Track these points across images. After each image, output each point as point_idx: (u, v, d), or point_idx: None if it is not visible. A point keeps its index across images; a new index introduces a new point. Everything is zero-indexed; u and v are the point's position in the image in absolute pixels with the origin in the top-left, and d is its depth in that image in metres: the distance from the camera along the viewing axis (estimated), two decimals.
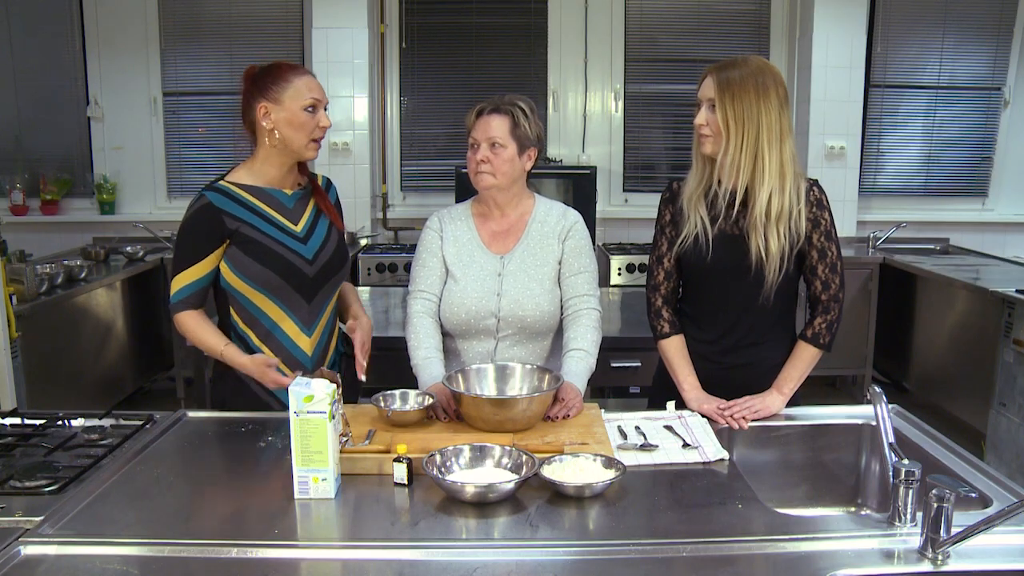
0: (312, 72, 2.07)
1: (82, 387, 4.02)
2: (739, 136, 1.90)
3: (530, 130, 2.10)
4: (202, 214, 1.99)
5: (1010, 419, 3.62)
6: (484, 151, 2.07)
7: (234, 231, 1.99)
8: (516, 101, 2.10)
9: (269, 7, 5.28)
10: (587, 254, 2.20)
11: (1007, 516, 1.24)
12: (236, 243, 2.00)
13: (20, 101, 5.30)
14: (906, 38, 5.35)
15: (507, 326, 2.13)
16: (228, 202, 2.00)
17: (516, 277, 2.14)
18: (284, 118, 1.98)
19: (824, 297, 2.00)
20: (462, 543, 1.38)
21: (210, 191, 2.02)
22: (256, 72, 2.02)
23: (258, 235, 2.01)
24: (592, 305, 2.17)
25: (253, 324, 2.05)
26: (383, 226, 5.40)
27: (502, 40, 5.39)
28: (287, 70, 2.01)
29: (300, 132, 2.00)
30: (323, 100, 2.03)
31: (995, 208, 5.57)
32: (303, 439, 1.51)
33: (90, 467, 1.65)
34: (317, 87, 2.03)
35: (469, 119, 2.12)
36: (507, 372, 1.99)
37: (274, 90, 1.98)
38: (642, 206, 5.32)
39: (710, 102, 1.92)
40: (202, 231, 1.99)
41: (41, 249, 4.78)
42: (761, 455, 1.91)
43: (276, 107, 1.98)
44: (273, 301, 2.03)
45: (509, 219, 2.20)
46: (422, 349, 2.11)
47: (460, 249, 2.18)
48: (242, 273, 2.00)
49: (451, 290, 2.16)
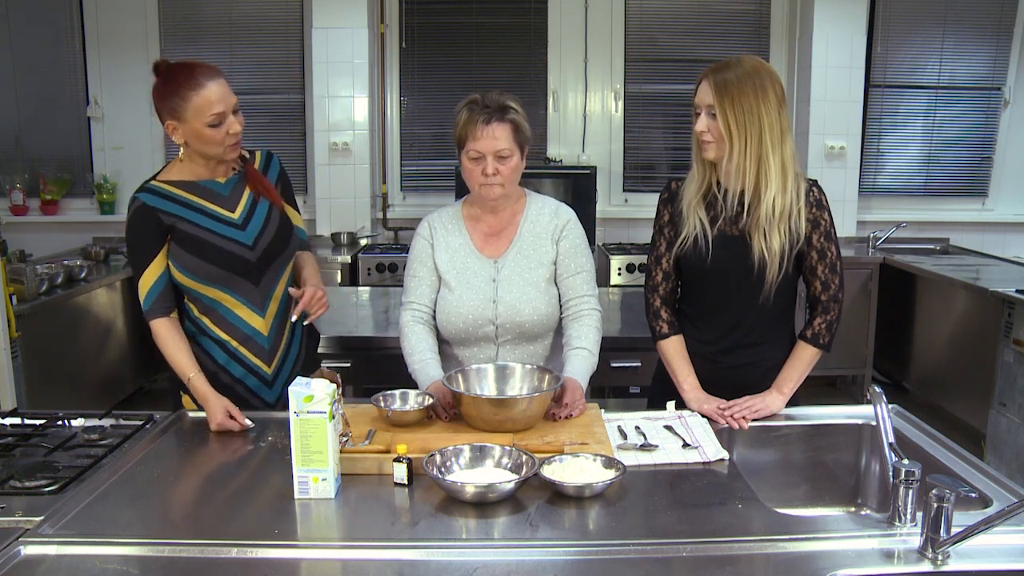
0: (214, 74, 1.93)
1: (82, 387, 4.02)
2: (742, 140, 1.88)
3: (527, 130, 2.07)
4: (138, 216, 2.01)
5: (1010, 419, 3.62)
6: (492, 164, 2.00)
7: (171, 227, 2.00)
8: (509, 104, 2.03)
9: (269, 7, 5.28)
10: (583, 253, 2.18)
11: (1007, 516, 1.24)
12: (175, 240, 2.01)
13: (20, 101, 5.30)
14: (906, 38, 5.35)
15: (505, 332, 2.11)
16: (160, 200, 2.01)
17: (511, 282, 2.12)
18: (192, 133, 1.95)
19: (824, 297, 2.00)
20: (462, 543, 1.38)
21: (142, 192, 2.03)
22: (160, 81, 1.95)
23: (194, 229, 2.01)
24: (593, 305, 2.15)
25: (207, 312, 2.07)
26: (383, 226, 5.40)
27: (502, 40, 5.39)
28: (184, 83, 1.91)
29: (210, 144, 1.97)
30: (227, 109, 1.93)
31: (995, 208, 5.57)
32: (303, 439, 1.51)
33: (90, 467, 1.65)
34: (218, 98, 1.91)
35: (466, 128, 2.01)
36: (507, 372, 1.98)
37: (176, 107, 1.92)
38: (642, 206, 5.32)
39: (709, 108, 1.90)
40: (142, 232, 2.01)
41: (41, 249, 4.78)
42: (761, 455, 1.91)
43: (181, 124, 1.94)
44: (220, 290, 2.04)
45: (501, 219, 2.17)
46: (416, 353, 2.09)
47: (453, 256, 2.14)
48: (185, 269, 2.01)
49: (446, 299, 2.12)
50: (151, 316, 2.03)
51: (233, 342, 2.08)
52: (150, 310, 2.03)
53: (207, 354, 2.07)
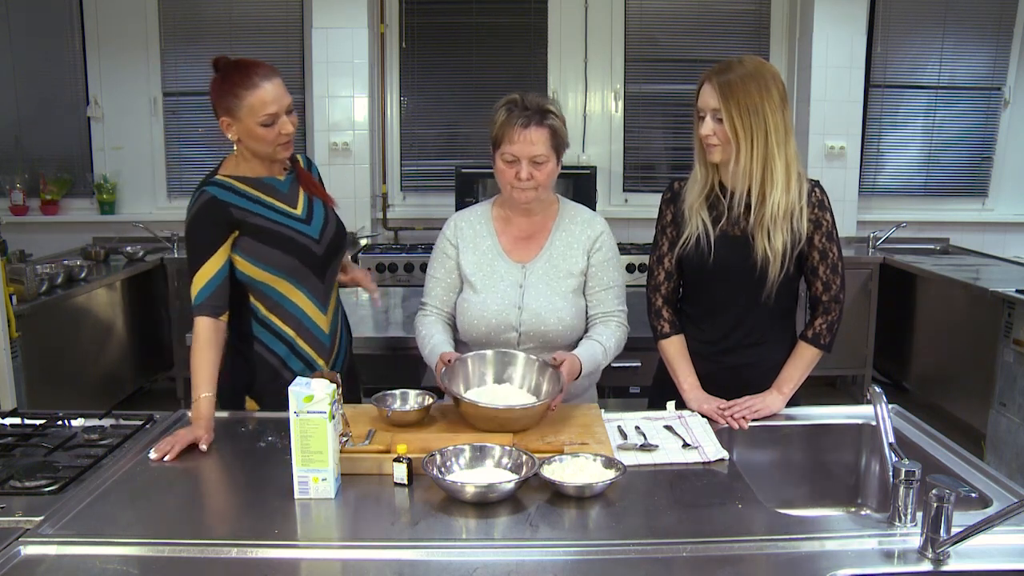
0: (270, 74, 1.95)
1: (82, 387, 4.02)
2: (748, 142, 1.87)
3: (565, 135, 2.01)
4: (208, 208, 1.98)
5: (1010, 419, 3.62)
6: (527, 168, 1.96)
7: (241, 221, 1.99)
8: (548, 108, 1.96)
9: (269, 7, 5.28)
10: (615, 267, 2.13)
11: (1007, 516, 1.24)
12: (246, 233, 2.00)
13: (20, 101, 5.30)
14: (906, 38, 5.35)
15: (528, 339, 2.05)
16: (229, 194, 2.00)
17: (538, 289, 2.06)
18: (245, 131, 1.96)
19: (825, 298, 2.00)
20: (462, 543, 1.38)
21: (210, 186, 2.01)
22: (218, 77, 1.96)
23: (266, 222, 2.01)
24: (621, 320, 2.10)
25: (275, 308, 2.06)
26: (383, 226, 5.40)
27: (502, 40, 5.39)
28: (239, 82, 1.92)
29: (262, 143, 1.98)
30: (280, 110, 1.95)
31: (995, 208, 5.57)
32: (303, 439, 1.51)
33: (90, 467, 1.65)
34: (272, 99, 1.93)
35: (503, 130, 1.95)
36: (506, 360, 1.95)
37: (231, 105, 1.94)
38: (642, 206, 5.31)
39: (715, 112, 1.88)
40: (210, 224, 1.98)
41: (41, 249, 4.77)
42: (761, 455, 1.91)
43: (235, 122, 1.96)
44: (292, 283, 2.05)
45: (533, 223, 2.11)
46: (428, 340, 2.04)
47: (480, 258, 2.10)
48: (259, 261, 2.00)
49: (470, 301, 2.07)
50: (200, 312, 1.95)
51: (298, 339, 2.08)
52: (201, 305, 1.95)
53: (270, 350, 2.08)
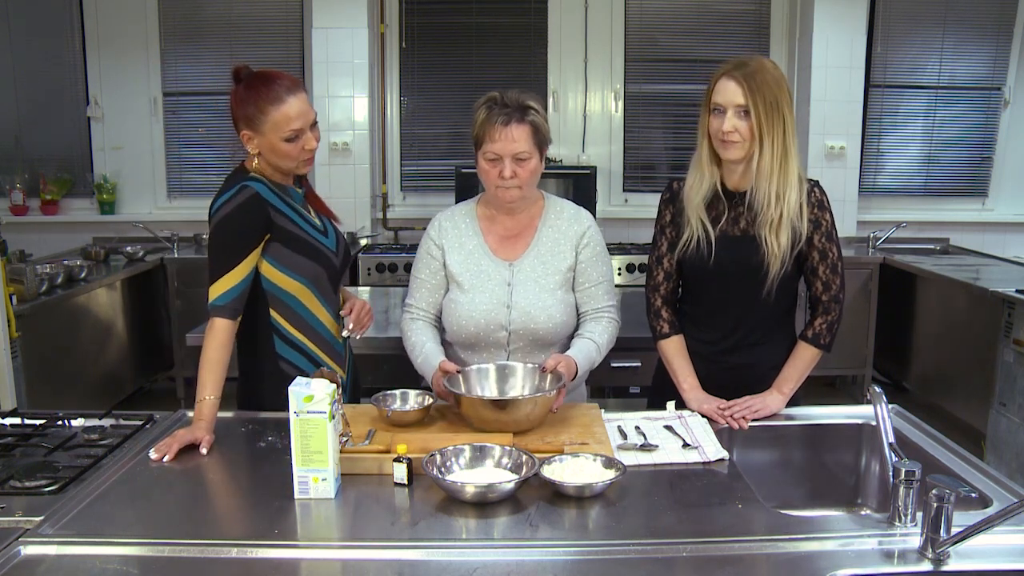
0: (295, 88, 1.90)
1: (82, 387, 4.02)
2: (771, 138, 1.86)
3: (547, 131, 2.00)
4: (250, 204, 1.90)
5: (1010, 419, 3.62)
6: (510, 167, 1.94)
7: (276, 225, 1.94)
8: (529, 104, 1.95)
9: (269, 7, 5.28)
10: (604, 262, 2.11)
11: (1007, 516, 1.24)
12: (277, 239, 1.94)
13: (20, 101, 5.30)
14: (906, 38, 5.35)
15: (518, 338, 2.04)
16: (269, 193, 1.94)
17: (526, 287, 2.04)
18: (267, 145, 1.91)
19: (825, 298, 2.00)
20: (462, 543, 1.38)
21: (252, 182, 1.92)
22: (240, 88, 1.90)
23: (296, 229, 1.98)
24: (612, 315, 2.10)
25: (297, 322, 2.02)
26: (383, 226, 5.40)
27: (502, 40, 5.39)
28: (264, 95, 1.86)
29: (285, 159, 1.93)
30: (305, 125, 1.90)
31: (995, 208, 5.57)
32: (303, 439, 1.51)
33: (90, 467, 1.65)
34: (296, 114, 1.87)
35: (483, 128, 1.94)
36: (507, 372, 1.96)
37: (253, 119, 1.88)
38: (642, 206, 5.32)
39: (739, 108, 1.86)
40: (249, 222, 1.90)
41: (41, 249, 4.78)
42: (761, 455, 1.91)
43: (257, 135, 1.90)
44: (314, 293, 2.01)
45: (518, 221, 2.09)
46: (418, 347, 2.04)
47: (467, 257, 2.07)
48: (288, 268, 1.96)
49: (458, 301, 2.05)
50: (220, 313, 1.88)
51: (319, 351, 2.04)
52: (223, 307, 1.88)
53: (295, 367, 2.01)
